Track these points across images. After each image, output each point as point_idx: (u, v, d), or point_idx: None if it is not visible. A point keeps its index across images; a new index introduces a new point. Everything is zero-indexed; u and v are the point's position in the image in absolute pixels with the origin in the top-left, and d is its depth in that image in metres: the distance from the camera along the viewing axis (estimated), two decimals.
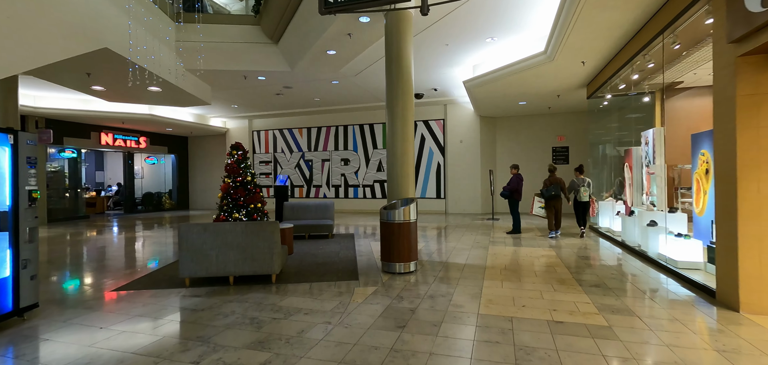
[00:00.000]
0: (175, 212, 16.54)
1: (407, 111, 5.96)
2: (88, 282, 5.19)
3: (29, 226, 3.67)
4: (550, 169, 8.89)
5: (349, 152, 15.64)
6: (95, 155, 19.79)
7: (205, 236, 4.74)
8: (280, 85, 11.26)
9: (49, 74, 7.87)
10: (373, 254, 6.75)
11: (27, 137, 3.67)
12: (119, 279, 5.33)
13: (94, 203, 16.23)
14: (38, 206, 3.75)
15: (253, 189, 8.56)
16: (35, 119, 12.42)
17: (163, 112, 13.98)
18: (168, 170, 18.68)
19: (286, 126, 16.47)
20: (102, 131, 14.62)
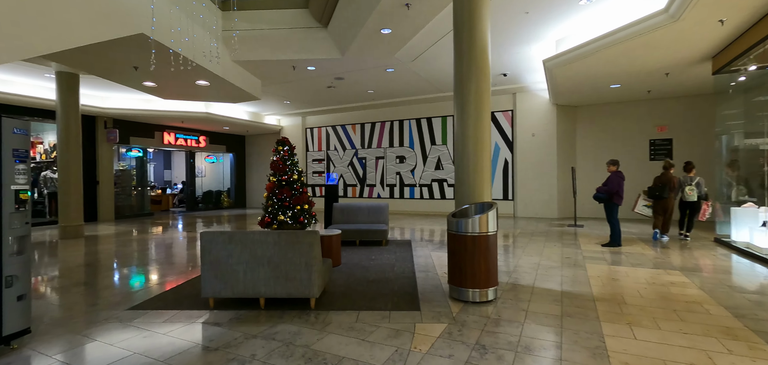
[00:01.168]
0: (233, 211, 16.61)
1: (482, 94, 4.63)
2: (106, 297, 4.57)
3: (17, 234, 2.97)
4: (664, 166, 7.05)
5: (404, 148, 14.49)
6: (163, 155, 20.79)
7: (231, 248, 3.84)
8: (331, 77, 10.42)
9: (101, 70, 7.69)
10: (435, 269, 5.50)
11: (14, 124, 2.97)
12: (143, 290, 4.67)
13: (159, 201, 16.84)
14: (28, 209, 3.05)
15: (299, 189, 7.73)
16: (104, 120, 12.91)
17: (219, 110, 13.93)
18: (226, 168, 18.98)
19: (338, 122, 15.75)
20: (164, 130, 14.99)
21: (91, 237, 9.14)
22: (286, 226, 7.51)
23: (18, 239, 3.00)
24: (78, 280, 5.21)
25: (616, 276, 4.99)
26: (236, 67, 8.93)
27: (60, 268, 5.97)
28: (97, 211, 12.76)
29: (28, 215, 3.05)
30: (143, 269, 5.89)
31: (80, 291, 4.71)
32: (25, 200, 3.02)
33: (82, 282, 5.09)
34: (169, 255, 6.97)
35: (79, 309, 4.03)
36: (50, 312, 3.95)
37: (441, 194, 13.80)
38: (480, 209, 4.36)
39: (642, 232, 8.67)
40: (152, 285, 4.95)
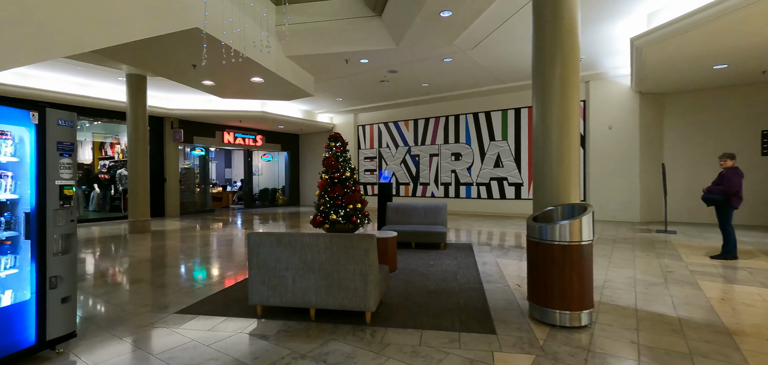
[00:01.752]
0: (287, 208, 16.87)
1: (568, 78, 3.83)
2: (158, 297, 4.44)
3: (61, 232, 2.80)
4: None
5: (460, 145, 13.66)
6: (224, 154, 21.82)
7: (279, 251, 3.46)
8: (384, 70, 9.96)
9: (162, 69, 7.89)
10: (504, 280, 4.77)
11: (58, 115, 2.80)
12: (193, 292, 4.50)
13: (220, 198, 17.59)
14: (74, 205, 2.87)
15: (352, 187, 7.34)
16: (171, 120, 13.62)
17: (274, 109, 14.11)
18: (281, 167, 19.39)
19: (391, 119, 15.30)
20: (225, 130, 15.55)
21: (157, 232, 9.53)
22: (339, 225, 7.16)
23: (63, 238, 2.83)
24: (136, 276, 5.22)
25: (749, 300, 3.92)
26: (289, 63, 8.78)
27: (122, 263, 6.10)
28: (165, 207, 13.49)
29: (73, 212, 2.88)
30: (198, 267, 5.82)
31: (136, 288, 4.65)
32: (70, 197, 2.85)
33: (139, 279, 5.07)
34: (224, 253, 6.93)
35: (131, 309, 3.90)
36: (101, 311, 3.86)
37: (500, 194, 12.79)
38: (569, 212, 3.59)
39: (759, 242, 7.14)
40: (204, 285, 4.79)
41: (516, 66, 9.82)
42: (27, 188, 2.68)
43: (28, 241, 2.69)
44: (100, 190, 13.48)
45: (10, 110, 2.57)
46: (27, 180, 2.69)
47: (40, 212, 2.69)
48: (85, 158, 15.63)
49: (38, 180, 2.68)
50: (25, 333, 2.65)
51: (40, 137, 2.70)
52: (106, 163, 14.30)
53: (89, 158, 15.59)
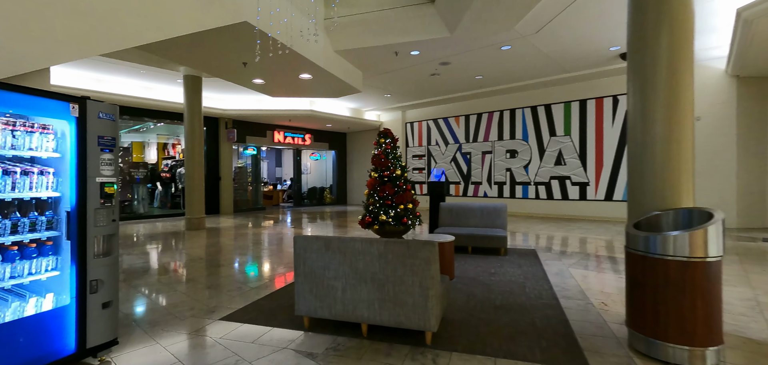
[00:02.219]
0: (335, 207, 16.84)
1: (678, 50, 3.07)
2: (205, 299, 4.28)
3: (102, 233, 2.62)
4: None
5: (516, 141, 12.70)
6: (275, 153, 22.41)
7: (328, 257, 3.09)
8: (436, 62, 9.39)
9: (215, 68, 7.97)
10: (585, 296, 4.06)
11: (99, 108, 2.62)
12: (240, 294, 4.29)
13: (270, 196, 18.00)
14: (116, 204, 2.69)
15: (403, 186, 6.89)
16: (225, 121, 14.06)
17: (322, 107, 14.07)
18: (329, 165, 19.46)
19: (441, 115, 14.65)
20: (275, 129, 15.83)
21: (212, 229, 9.74)
22: (388, 227, 6.75)
23: (104, 239, 2.65)
24: (186, 275, 5.16)
25: None
26: (337, 58, 8.53)
27: (175, 261, 6.14)
28: (219, 204, 13.96)
29: (115, 211, 2.70)
30: (247, 267, 5.69)
31: (185, 288, 4.55)
32: (111, 195, 2.66)
33: (190, 278, 5.00)
34: (273, 252, 6.79)
35: (178, 312, 3.75)
36: (149, 313, 3.74)
37: (562, 194, 11.69)
38: (685, 218, 2.85)
39: None
40: (252, 287, 4.58)
41: (584, 52, 8.80)
42: (65, 187, 2.53)
43: (69, 242, 2.53)
44: (162, 188, 14.25)
45: (50, 102, 2.42)
46: (66, 178, 2.53)
47: (81, 211, 2.52)
48: (150, 157, 16.70)
49: (78, 177, 2.51)
50: (65, 340, 2.49)
51: (81, 131, 2.53)
52: (169, 162, 15.12)
53: (154, 157, 16.64)
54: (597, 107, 11.06)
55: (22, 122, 2.39)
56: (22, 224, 2.38)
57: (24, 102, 2.31)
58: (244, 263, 5.90)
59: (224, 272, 5.32)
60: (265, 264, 5.86)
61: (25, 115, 2.41)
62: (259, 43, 6.17)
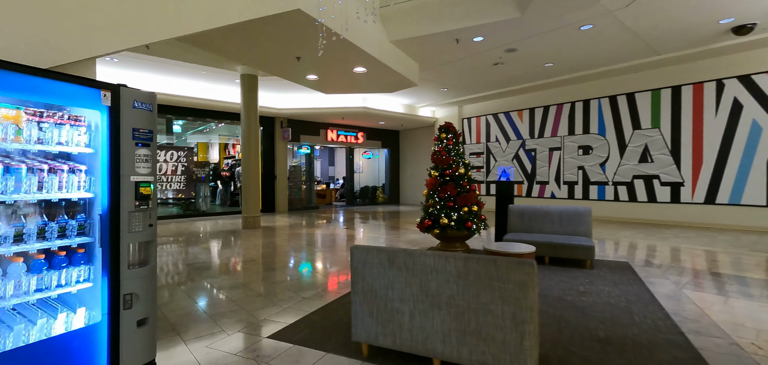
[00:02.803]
0: (387, 207, 16.41)
1: None
2: (254, 310, 3.93)
3: (138, 240, 2.29)
4: None
5: (590, 136, 11.31)
6: (328, 152, 22.55)
7: (393, 274, 2.53)
8: (501, 49, 8.50)
9: (269, 64, 7.81)
10: (723, 331, 3.09)
11: (135, 96, 2.29)
12: (293, 305, 3.89)
13: (324, 195, 18.02)
14: (153, 206, 2.34)
15: (467, 186, 6.18)
16: (280, 120, 14.20)
17: (375, 103, 13.66)
18: (382, 164, 19.08)
19: (501, 109, 13.56)
20: (328, 128, 15.74)
21: (267, 228, 9.71)
22: (450, 231, 6.06)
23: (140, 247, 2.31)
24: (237, 280, 4.91)
25: None
26: (393, 49, 7.99)
27: (228, 263, 5.98)
28: (275, 203, 14.12)
29: (152, 214, 2.35)
30: (300, 272, 5.33)
31: (234, 295, 4.27)
32: (147, 196, 2.32)
33: (240, 283, 4.73)
34: (328, 255, 6.43)
35: (224, 324, 3.42)
36: (194, 324, 3.45)
37: (648, 196, 10.15)
38: None
39: None
40: (304, 297, 4.18)
41: (685, 27, 7.41)
42: (97, 187, 2.21)
43: (98, 250, 2.22)
44: (222, 186, 14.75)
45: (78, 89, 2.11)
46: (98, 176, 2.21)
47: (113, 214, 2.19)
48: (213, 157, 17.47)
49: (111, 175, 2.19)
50: (94, 360, 2.17)
51: (113, 122, 2.20)
52: (229, 162, 15.65)
53: (216, 157, 17.39)
54: (695, 94, 9.42)
55: (51, 112, 2.10)
56: (49, 229, 2.09)
57: (48, 88, 2.01)
58: (297, 267, 5.56)
59: (277, 277, 5.00)
60: (319, 269, 5.47)
61: (55, 104, 2.12)
62: (320, 29, 5.81)
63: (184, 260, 5.98)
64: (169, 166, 12.21)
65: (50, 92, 2.02)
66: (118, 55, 8.80)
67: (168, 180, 12.18)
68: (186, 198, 12.70)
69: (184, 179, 12.47)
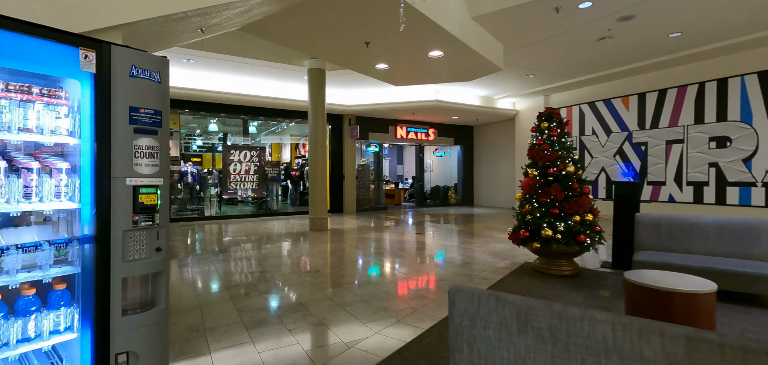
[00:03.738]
0: (460, 209, 15.11)
1: None
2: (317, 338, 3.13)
3: (138, 273, 1.55)
4: None
5: (728, 124, 8.91)
6: (396, 150, 21.80)
7: (525, 343, 1.47)
8: (612, 18, 6.84)
9: (337, 54, 7.15)
10: None
11: (133, 59, 1.54)
12: (363, 339, 3.01)
13: (392, 195, 17.27)
14: (163, 221, 1.59)
15: (578, 189, 4.82)
16: (348, 117, 13.71)
17: (448, 96, 12.49)
18: (454, 162, 17.78)
19: (601, 96, 11.49)
20: (397, 124, 14.93)
21: (335, 231, 9.14)
22: (556, 246, 4.76)
23: (142, 282, 1.57)
24: (298, 298, 4.21)
25: None
26: (476, 26, 6.83)
27: (287, 273, 5.36)
28: (343, 203, 13.68)
29: (162, 235, 1.60)
30: (369, 290, 4.49)
31: (292, 320, 3.53)
32: (153, 207, 1.56)
33: (300, 304, 4.00)
34: (403, 268, 5.52)
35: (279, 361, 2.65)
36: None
37: None
38: None
39: None
40: (374, 329, 3.29)
41: None
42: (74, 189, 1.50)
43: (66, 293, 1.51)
44: (292, 186, 14.74)
45: (48, 47, 1.40)
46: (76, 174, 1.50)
47: (101, 234, 1.47)
48: (285, 157, 17.74)
49: (97, 176, 1.47)
50: None
51: (101, 96, 1.47)
52: (299, 161, 15.65)
53: (288, 157, 17.63)
54: None
55: (14, 85, 1.43)
56: (8, 257, 1.42)
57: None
58: (366, 283, 4.73)
59: (342, 297, 4.20)
60: (391, 288, 4.58)
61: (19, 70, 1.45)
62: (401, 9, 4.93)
63: (241, 269, 5.51)
64: (243, 166, 12.37)
65: (5, 52, 1.34)
66: (193, 56, 8.88)
67: (242, 180, 12.35)
68: (259, 197, 12.80)
69: (257, 179, 12.56)
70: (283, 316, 3.60)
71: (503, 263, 5.65)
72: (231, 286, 4.59)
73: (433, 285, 4.59)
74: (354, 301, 4.05)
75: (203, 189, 12.13)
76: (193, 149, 18.71)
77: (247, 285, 4.61)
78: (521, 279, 4.85)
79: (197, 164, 14.29)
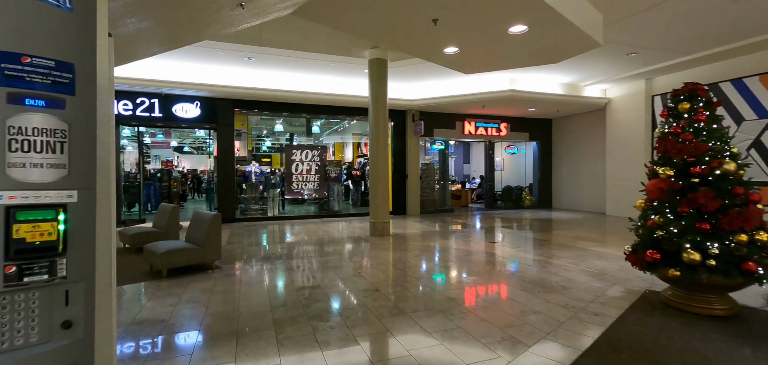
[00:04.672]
0: (537, 212, 13.41)
1: None
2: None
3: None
4: None
5: None
6: (462, 147, 20.42)
7: None
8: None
9: (398, 39, 6.30)
10: None
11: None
12: None
13: (459, 196, 16.03)
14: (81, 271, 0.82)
15: (742, 195, 3.38)
16: (412, 113, 12.81)
17: (525, 84, 11.00)
18: (529, 160, 15.99)
19: (727, 75, 9.17)
20: (465, 119, 13.67)
21: (398, 237, 8.32)
22: (706, 274, 3.37)
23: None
24: (350, 327, 3.40)
25: None
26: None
27: (345, 289, 4.61)
28: (406, 205, 12.83)
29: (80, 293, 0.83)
30: (439, 321, 3.54)
31: (333, 362, 2.73)
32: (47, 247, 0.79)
33: (349, 335, 3.19)
34: (480, 292, 4.49)
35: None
36: None
37: None
38: None
39: None
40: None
41: None
42: None
43: None
44: (353, 186, 14.25)
45: None
46: None
47: None
48: (347, 156, 17.41)
49: None
50: None
51: None
52: (361, 161, 15.14)
53: (350, 156, 17.26)
54: None
55: None
56: None
57: None
58: (435, 314, 3.78)
59: (407, 334, 3.31)
60: (473, 326, 3.58)
61: None
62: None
63: (293, 282, 4.89)
64: (304, 165, 12.13)
65: None
66: (253, 53, 8.66)
67: (304, 180, 12.11)
68: (320, 198, 12.48)
69: (318, 179, 12.23)
70: (346, 338, 2.82)
71: (615, 291, 4.32)
72: (277, 305, 3.95)
73: (525, 323, 3.49)
74: (419, 342, 3.13)
75: (266, 189, 12.09)
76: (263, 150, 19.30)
77: (294, 306, 3.94)
78: (650, 317, 3.54)
79: (266, 164, 14.46)
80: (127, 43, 4.78)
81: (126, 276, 5.06)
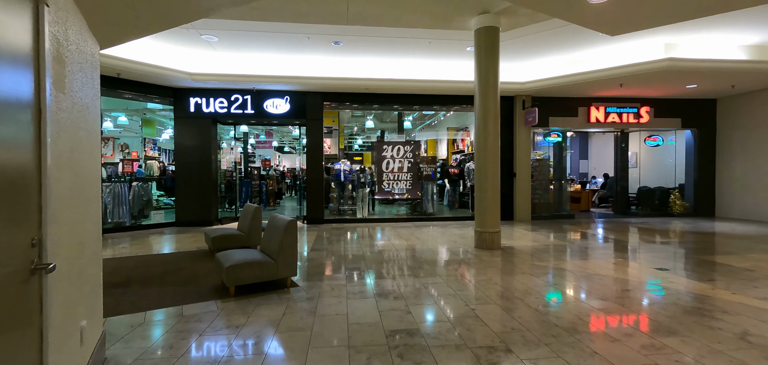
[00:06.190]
0: (695, 222, 10.13)
1: None
2: None
3: None
4: None
5: None
6: (579, 141, 17.18)
7: None
8: None
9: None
10: None
11: None
12: None
13: (578, 199, 13.25)
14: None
15: None
16: (522, 98, 10.70)
17: (690, 50, 8.14)
18: (679, 154, 12.45)
19: None
20: (591, 104, 11.02)
21: (508, 252, 6.57)
22: None
23: None
24: None
25: None
26: None
27: (441, 346, 3.14)
28: (514, 209, 10.80)
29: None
30: None
31: None
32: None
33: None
34: (693, 351, 2.64)
35: None
36: None
37: None
38: None
39: None
40: None
41: None
42: None
43: None
44: (449, 186, 12.66)
45: None
46: None
47: None
48: (441, 153, 15.86)
49: None
50: None
51: None
52: (457, 157, 13.49)
53: (444, 153, 15.69)
54: None
55: None
56: None
57: None
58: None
59: None
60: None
61: None
62: None
63: (371, 322, 3.60)
64: (395, 162, 10.99)
65: None
66: (341, 37, 7.74)
67: (395, 178, 10.99)
68: (412, 198, 11.20)
69: (411, 178, 10.98)
70: None
71: None
72: (359, 358, 2.69)
73: None
74: None
75: (356, 189, 11.25)
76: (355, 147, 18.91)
77: (382, 359, 2.63)
78: None
79: (358, 162, 13.79)
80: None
81: (194, 290, 4.37)
